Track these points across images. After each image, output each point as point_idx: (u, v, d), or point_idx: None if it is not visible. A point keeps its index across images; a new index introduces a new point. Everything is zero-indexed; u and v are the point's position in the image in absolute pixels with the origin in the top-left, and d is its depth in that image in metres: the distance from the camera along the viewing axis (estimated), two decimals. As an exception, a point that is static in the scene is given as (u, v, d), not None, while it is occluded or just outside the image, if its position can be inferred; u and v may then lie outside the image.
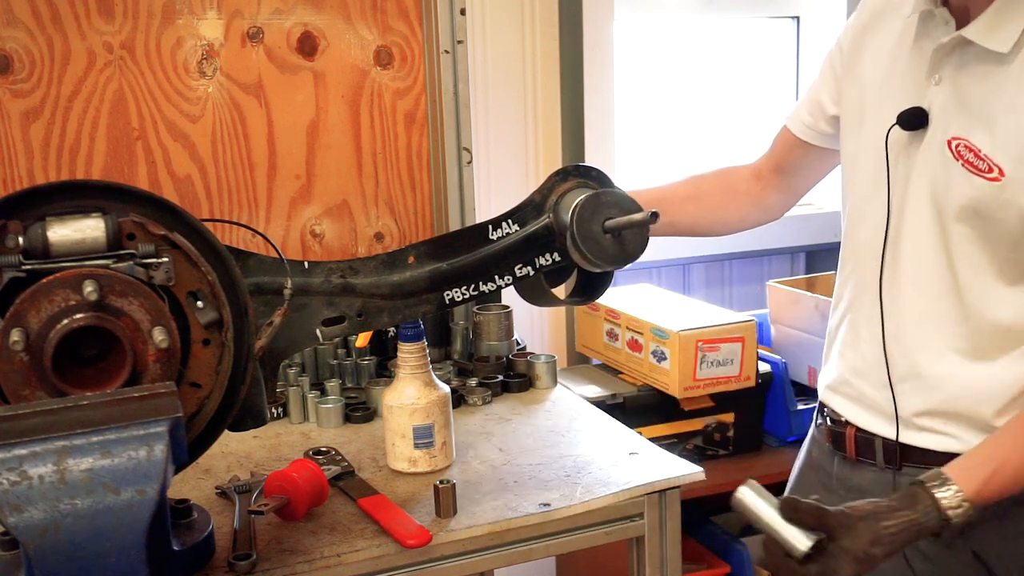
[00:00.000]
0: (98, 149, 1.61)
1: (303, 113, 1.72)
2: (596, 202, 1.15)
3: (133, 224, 1.00)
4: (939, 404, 1.29)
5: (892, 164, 1.31)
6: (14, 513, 0.85)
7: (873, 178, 1.34)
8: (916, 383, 1.31)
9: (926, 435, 1.32)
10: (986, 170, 1.20)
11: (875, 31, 1.38)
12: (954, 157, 1.23)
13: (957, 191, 1.23)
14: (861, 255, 1.38)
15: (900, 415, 1.33)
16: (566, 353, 2.45)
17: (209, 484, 1.30)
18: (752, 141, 2.69)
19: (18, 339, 0.94)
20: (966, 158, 1.22)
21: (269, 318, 1.10)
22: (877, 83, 1.35)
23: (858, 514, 1.12)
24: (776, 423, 2.27)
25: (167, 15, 1.61)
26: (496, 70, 2.28)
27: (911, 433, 1.33)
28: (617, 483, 1.26)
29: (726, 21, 2.68)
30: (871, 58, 1.37)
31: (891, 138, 1.30)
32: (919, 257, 1.29)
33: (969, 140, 1.21)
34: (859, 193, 1.39)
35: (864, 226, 1.37)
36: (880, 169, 1.32)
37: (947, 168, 1.24)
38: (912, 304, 1.31)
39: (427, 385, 1.31)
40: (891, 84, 1.33)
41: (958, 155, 1.22)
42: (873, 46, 1.37)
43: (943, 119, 1.25)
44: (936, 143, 1.25)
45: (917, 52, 1.29)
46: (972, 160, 1.21)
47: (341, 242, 1.78)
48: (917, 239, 1.29)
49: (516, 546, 1.20)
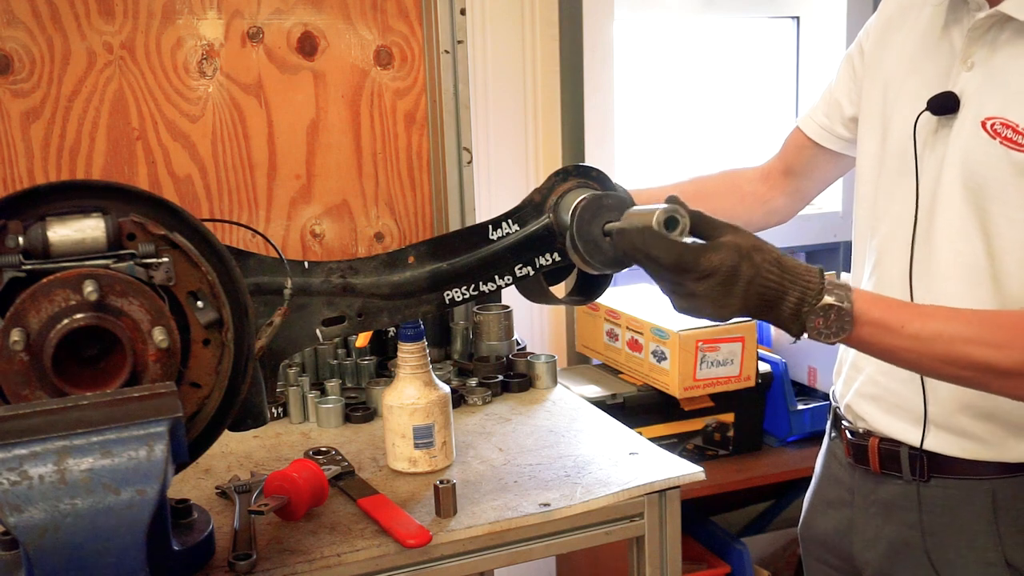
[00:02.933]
0: (98, 149, 1.61)
1: (303, 113, 1.72)
2: (597, 205, 1.15)
3: (133, 224, 1.00)
4: (975, 398, 1.24)
5: (920, 154, 1.28)
6: (14, 513, 0.85)
7: (899, 170, 1.32)
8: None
9: (956, 440, 1.27)
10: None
11: (899, 27, 1.36)
12: (990, 136, 1.20)
13: (997, 169, 1.20)
14: (885, 249, 1.34)
15: (931, 416, 1.28)
16: (566, 353, 2.45)
17: (209, 484, 1.30)
18: (752, 141, 2.70)
19: (18, 339, 0.94)
20: (1004, 135, 1.19)
21: (269, 318, 1.10)
22: (901, 76, 1.33)
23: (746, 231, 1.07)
24: (776, 423, 2.27)
25: (167, 15, 1.61)
26: (496, 70, 2.28)
27: (941, 436, 1.28)
28: (617, 483, 1.26)
29: (726, 21, 2.68)
30: (896, 54, 1.36)
31: (919, 126, 1.28)
32: (954, 245, 1.25)
33: (1006, 117, 1.19)
34: (882, 188, 1.36)
35: (887, 220, 1.34)
36: (906, 161, 1.30)
37: (984, 148, 1.21)
38: (947, 294, 1.25)
39: (427, 385, 1.31)
40: (917, 75, 1.31)
41: (995, 133, 1.20)
42: (897, 42, 1.36)
43: (976, 102, 1.23)
44: (968, 126, 1.23)
45: (945, 40, 1.28)
46: (1011, 136, 1.18)
47: (341, 242, 1.78)
48: (951, 226, 1.25)
49: (516, 546, 1.20)
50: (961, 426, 1.27)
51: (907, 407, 1.31)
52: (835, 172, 1.55)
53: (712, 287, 1.03)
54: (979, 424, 1.26)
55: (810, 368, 2.31)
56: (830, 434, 1.49)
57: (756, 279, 1.04)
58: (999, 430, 1.25)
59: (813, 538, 1.50)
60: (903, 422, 1.32)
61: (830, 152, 1.50)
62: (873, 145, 1.38)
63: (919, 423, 1.30)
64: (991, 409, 1.24)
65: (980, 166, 1.22)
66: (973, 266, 1.24)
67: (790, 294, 1.05)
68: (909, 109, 1.29)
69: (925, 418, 1.29)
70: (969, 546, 1.28)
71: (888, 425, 1.34)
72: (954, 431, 1.28)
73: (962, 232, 1.24)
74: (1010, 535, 1.26)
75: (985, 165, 1.21)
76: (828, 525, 1.45)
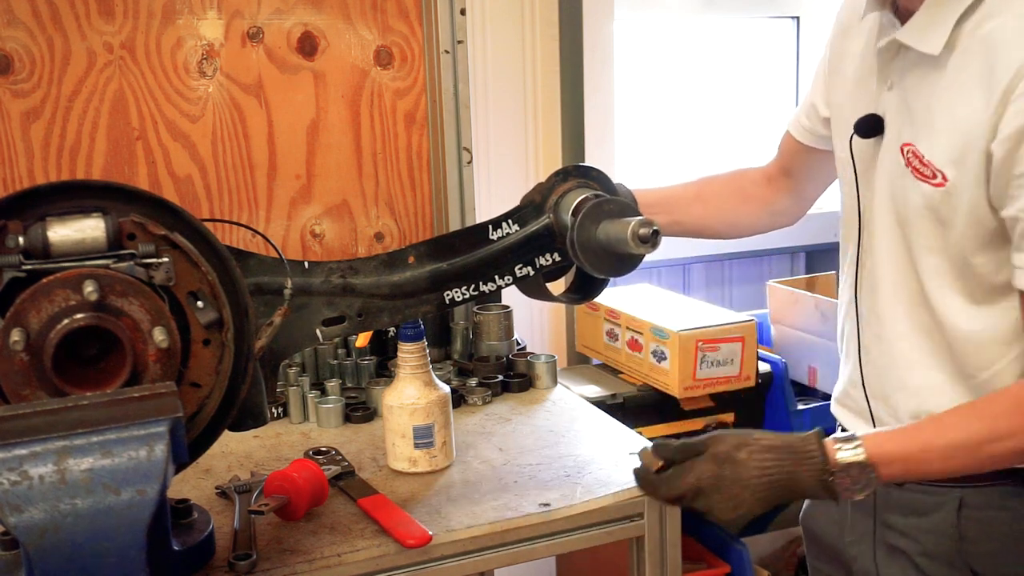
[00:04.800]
0: (98, 149, 1.61)
1: (303, 113, 1.72)
2: (598, 211, 1.14)
3: (133, 224, 1.00)
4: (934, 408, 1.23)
5: (860, 171, 1.29)
6: (14, 513, 0.85)
7: (848, 185, 1.33)
8: (900, 395, 1.28)
9: None
10: (931, 176, 1.16)
11: (855, 33, 1.35)
12: (905, 164, 1.20)
13: (911, 199, 1.20)
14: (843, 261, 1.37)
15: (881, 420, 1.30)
16: (566, 353, 2.45)
17: (209, 484, 1.30)
18: (752, 141, 2.70)
19: (18, 339, 0.94)
20: (913, 165, 1.19)
21: (269, 318, 1.10)
22: (848, 88, 1.33)
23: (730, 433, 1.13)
24: (776, 423, 2.27)
25: (167, 15, 1.61)
26: (496, 70, 2.28)
27: None
28: (617, 483, 1.26)
29: (726, 21, 2.68)
30: (849, 61, 1.35)
31: (855, 146, 1.28)
32: (891, 266, 1.26)
33: (916, 146, 1.18)
34: (843, 199, 1.37)
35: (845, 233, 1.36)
36: (851, 176, 1.31)
37: (902, 176, 1.21)
38: (890, 316, 1.27)
39: (427, 385, 1.31)
40: (856, 89, 1.31)
41: (908, 162, 1.20)
42: (852, 49, 1.35)
43: (896, 125, 1.23)
44: (892, 149, 1.23)
45: (874, 57, 1.27)
46: (918, 167, 1.18)
47: (341, 242, 1.78)
48: (886, 249, 1.26)
49: (516, 546, 1.20)
50: None
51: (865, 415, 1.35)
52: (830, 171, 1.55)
53: (711, 502, 1.09)
54: None
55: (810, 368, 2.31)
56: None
57: (752, 475, 1.09)
58: None
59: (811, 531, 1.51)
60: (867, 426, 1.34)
61: (819, 151, 1.50)
62: (838, 150, 1.38)
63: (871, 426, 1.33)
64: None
65: (899, 193, 1.22)
66: (907, 288, 1.25)
67: (801, 470, 1.09)
68: (847, 127, 1.30)
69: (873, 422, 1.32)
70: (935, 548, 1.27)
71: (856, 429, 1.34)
72: None
73: (894, 255, 1.26)
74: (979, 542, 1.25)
75: (903, 193, 1.22)
76: (824, 520, 1.47)
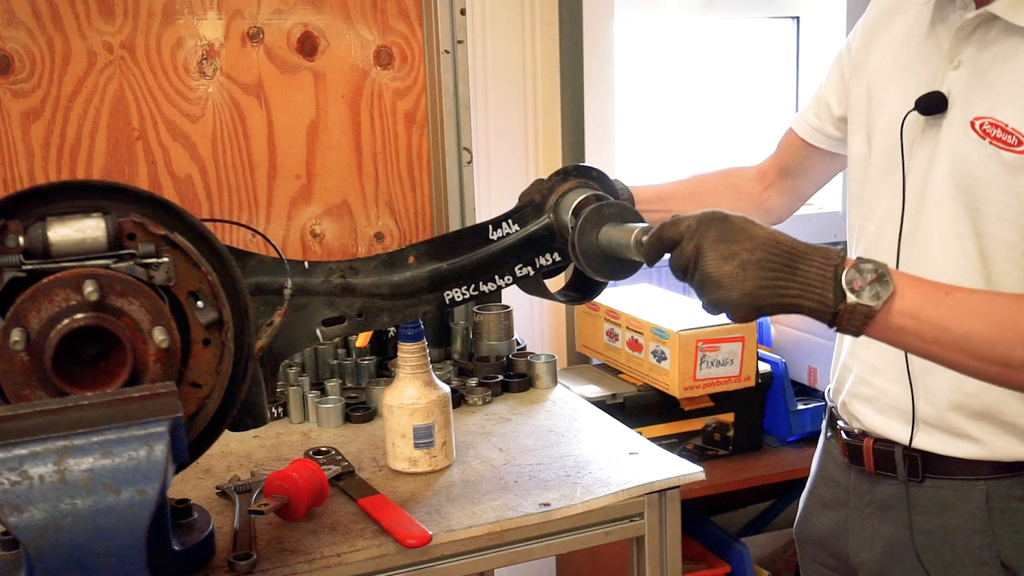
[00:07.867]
0: (98, 149, 1.61)
1: (303, 113, 1.72)
2: (599, 215, 1.14)
3: (133, 224, 1.00)
4: (965, 399, 1.24)
5: (907, 153, 1.29)
6: (14, 513, 0.85)
7: (885, 169, 1.32)
8: (940, 375, 1.23)
9: (949, 439, 1.26)
10: (1015, 144, 1.17)
11: (886, 28, 1.37)
12: (980, 136, 1.20)
13: (987, 169, 1.20)
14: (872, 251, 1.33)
15: (922, 414, 1.28)
16: (566, 353, 2.45)
17: (209, 484, 1.30)
18: (752, 141, 2.70)
19: (18, 339, 0.94)
20: (993, 135, 1.19)
21: (269, 318, 1.10)
22: (887, 77, 1.34)
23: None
24: (776, 423, 2.27)
25: (167, 15, 1.61)
26: (496, 70, 2.28)
27: (933, 435, 1.27)
28: (617, 483, 1.26)
29: (726, 21, 2.68)
30: (881, 54, 1.36)
31: (906, 126, 1.28)
32: (945, 245, 1.25)
33: (995, 117, 1.19)
34: (869, 188, 1.36)
35: (873, 219, 1.34)
36: (892, 160, 1.30)
37: (974, 148, 1.21)
38: None
39: (427, 385, 1.31)
40: (903, 75, 1.31)
41: (984, 133, 1.20)
42: (884, 42, 1.36)
43: (964, 102, 1.23)
44: (957, 125, 1.23)
45: (932, 39, 1.28)
46: (1000, 136, 1.19)
47: (341, 242, 1.78)
48: (941, 226, 1.25)
49: (516, 546, 1.20)
50: (954, 425, 1.26)
51: (898, 406, 1.31)
52: (829, 171, 1.56)
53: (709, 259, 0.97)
54: (972, 423, 1.25)
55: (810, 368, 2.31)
56: (826, 433, 1.49)
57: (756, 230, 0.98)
58: (993, 429, 1.24)
59: (809, 538, 1.50)
60: (895, 421, 1.32)
61: (822, 151, 1.51)
62: (860, 146, 1.38)
63: (909, 422, 1.30)
64: (984, 408, 1.24)
65: (971, 166, 1.22)
66: (965, 266, 1.23)
67: (811, 251, 0.98)
68: (896, 109, 1.29)
69: (914, 416, 1.29)
70: (964, 547, 1.28)
71: (881, 425, 1.34)
72: (947, 430, 1.27)
73: (953, 232, 1.24)
74: (1005, 535, 1.25)
75: (976, 165, 1.21)
76: (824, 525, 1.45)
